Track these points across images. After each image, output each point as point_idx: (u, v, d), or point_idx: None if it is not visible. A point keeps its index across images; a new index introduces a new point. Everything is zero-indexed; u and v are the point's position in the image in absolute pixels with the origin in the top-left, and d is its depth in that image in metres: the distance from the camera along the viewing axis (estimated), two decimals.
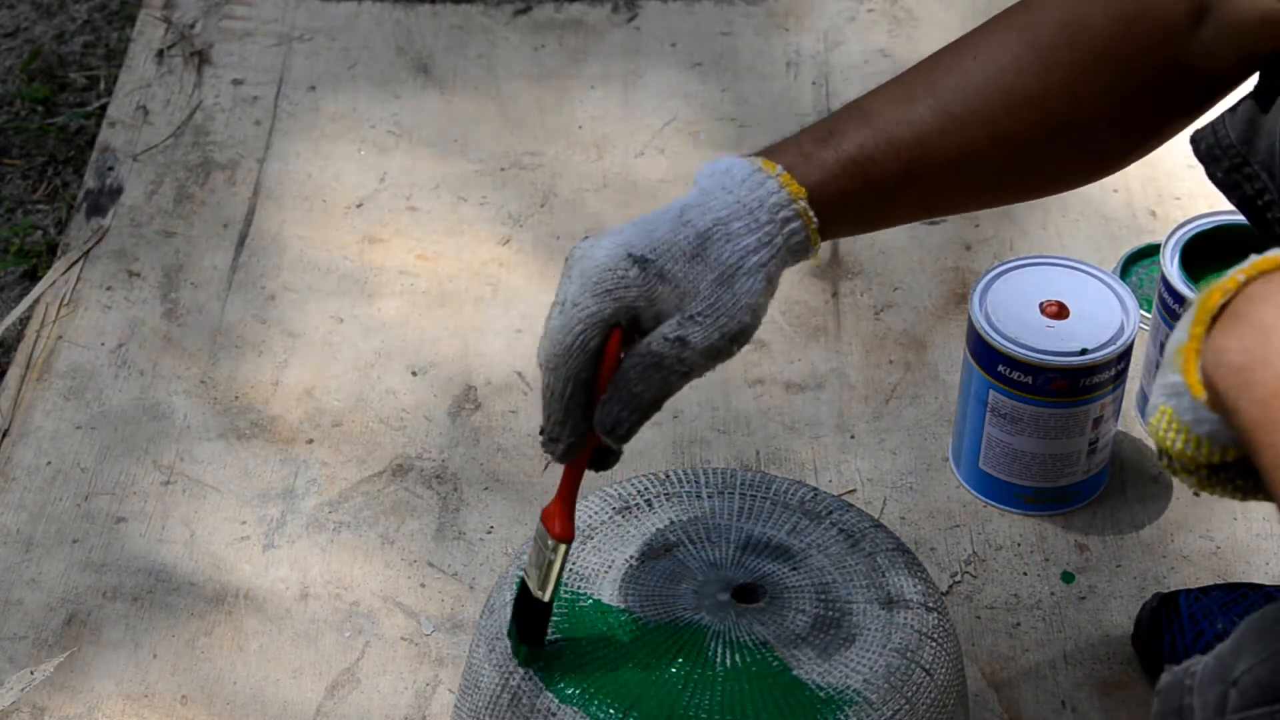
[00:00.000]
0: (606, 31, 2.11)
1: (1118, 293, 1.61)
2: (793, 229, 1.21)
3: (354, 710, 1.50)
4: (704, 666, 1.30)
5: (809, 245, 1.22)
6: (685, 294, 1.19)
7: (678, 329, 1.19)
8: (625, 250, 1.19)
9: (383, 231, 1.89)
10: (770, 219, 1.21)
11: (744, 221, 1.21)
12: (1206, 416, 0.99)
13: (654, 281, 1.19)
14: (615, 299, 1.19)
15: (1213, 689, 1.07)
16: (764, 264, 1.20)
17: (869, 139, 1.22)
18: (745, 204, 1.21)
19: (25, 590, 1.59)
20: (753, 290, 1.20)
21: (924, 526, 1.64)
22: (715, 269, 1.20)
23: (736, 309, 1.20)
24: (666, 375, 1.19)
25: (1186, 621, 1.50)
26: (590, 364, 1.20)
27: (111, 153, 1.97)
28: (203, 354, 1.77)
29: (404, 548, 1.62)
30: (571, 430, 1.22)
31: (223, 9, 2.13)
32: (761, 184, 1.21)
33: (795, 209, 1.21)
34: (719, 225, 1.20)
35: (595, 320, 1.19)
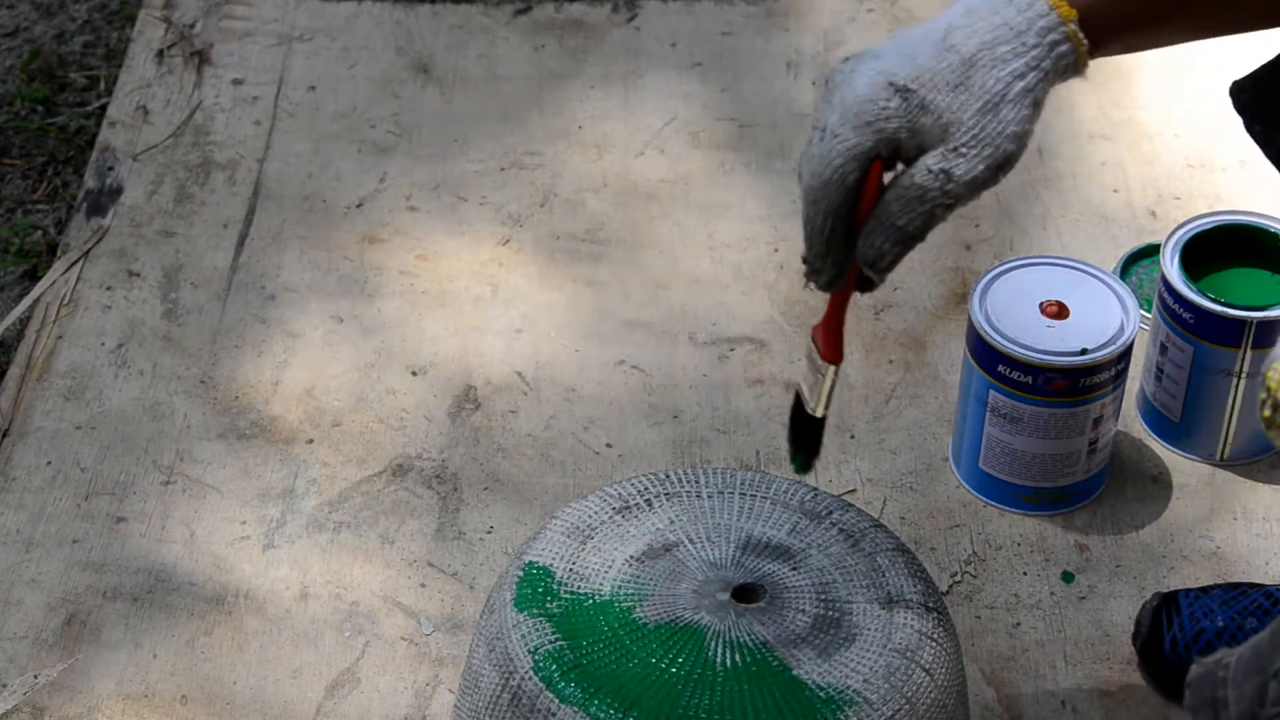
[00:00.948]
0: (606, 31, 2.11)
1: (1118, 293, 1.61)
2: (1061, 52, 1.17)
3: (354, 710, 1.50)
4: (704, 666, 1.30)
5: (1078, 65, 1.19)
6: (949, 124, 1.17)
7: (941, 160, 1.17)
8: (887, 79, 1.17)
9: (383, 231, 1.89)
10: (1038, 42, 1.17)
11: (1011, 45, 1.17)
12: None
13: (916, 112, 1.17)
14: (876, 131, 1.17)
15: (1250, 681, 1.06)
16: (1030, 89, 1.17)
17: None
18: (1013, 26, 1.18)
19: (25, 590, 1.59)
20: (1019, 118, 1.17)
21: (924, 526, 1.64)
22: (980, 97, 1.17)
23: (1001, 137, 1.17)
24: (931, 207, 1.17)
25: (1187, 621, 1.50)
26: (850, 198, 1.19)
27: (111, 153, 1.97)
28: (203, 354, 1.77)
29: (404, 548, 1.62)
30: (833, 263, 1.22)
31: (223, 9, 2.13)
32: (1031, 4, 1.18)
33: (1065, 31, 1.17)
34: (984, 50, 1.17)
35: (855, 153, 1.18)
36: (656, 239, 1.89)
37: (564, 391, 1.74)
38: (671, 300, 1.83)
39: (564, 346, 1.78)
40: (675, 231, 1.89)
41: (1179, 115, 1.99)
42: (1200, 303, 1.61)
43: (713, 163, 1.96)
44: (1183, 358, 1.64)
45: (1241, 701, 1.06)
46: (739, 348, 1.78)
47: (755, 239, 1.88)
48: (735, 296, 1.83)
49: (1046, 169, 1.94)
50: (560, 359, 1.77)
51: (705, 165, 1.96)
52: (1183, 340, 1.63)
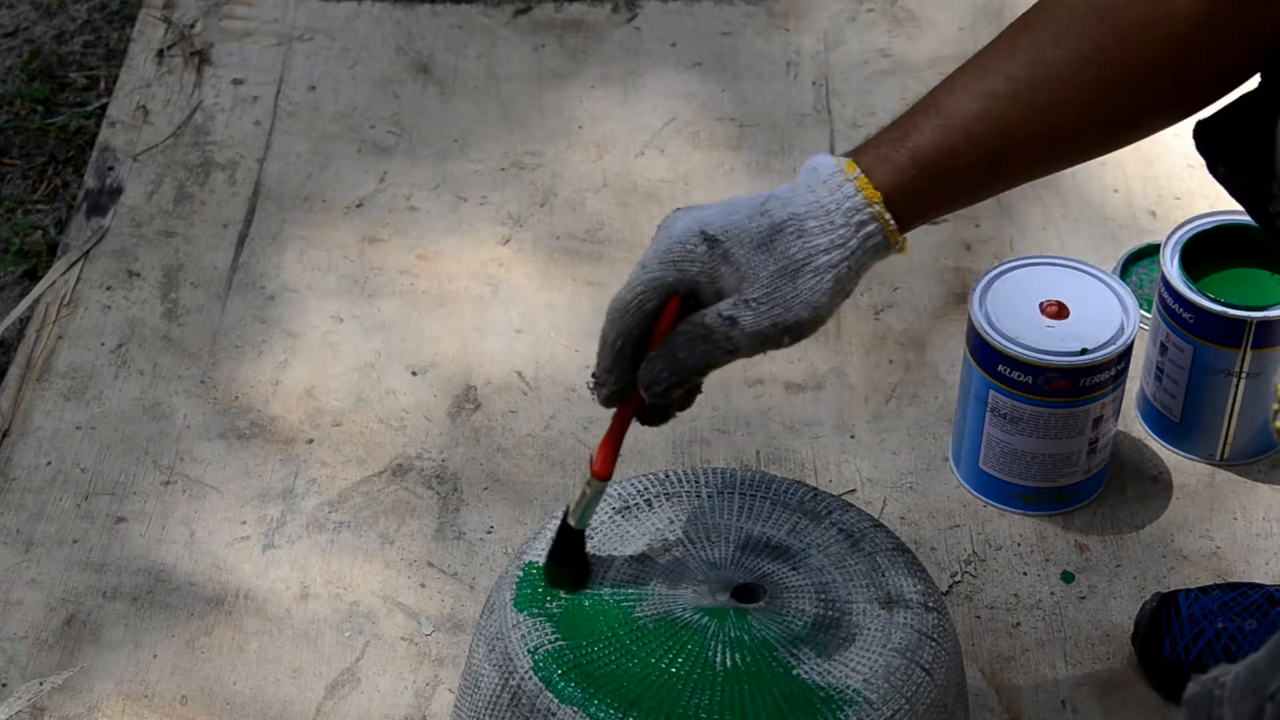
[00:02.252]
0: (606, 31, 2.11)
1: (1118, 293, 1.61)
2: (869, 231, 1.23)
3: (354, 710, 1.50)
4: (704, 666, 1.29)
5: (888, 245, 1.24)
6: (745, 278, 1.23)
7: (731, 309, 1.23)
8: (700, 227, 1.24)
9: (383, 231, 1.89)
10: (845, 222, 1.23)
11: (819, 221, 1.24)
12: None
13: (718, 261, 1.24)
14: (679, 270, 1.24)
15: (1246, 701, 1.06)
16: (834, 265, 1.23)
17: (945, 137, 1.23)
18: (824, 205, 1.24)
19: (25, 590, 1.59)
20: (816, 288, 1.23)
21: (924, 526, 1.64)
22: (779, 261, 1.23)
23: (795, 303, 1.23)
24: (711, 349, 1.24)
25: (1186, 621, 1.50)
26: (643, 323, 1.26)
27: (111, 153, 1.97)
28: (203, 354, 1.77)
29: (404, 548, 1.62)
30: (616, 379, 1.28)
31: (223, 9, 2.13)
32: (840, 186, 1.24)
33: (871, 212, 1.23)
34: (794, 220, 1.24)
35: (656, 285, 1.25)
36: None
37: (564, 391, 1.74)
38: None
39: (564, 346, 1.78)
40: None
41: None
42: (1200, 303, 1.61)
43: (713, 163, 1.96)
44: (1183, 358, 1.64)
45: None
46: None
47: None
48: None
49: None
50: (560, 359, 1.77)
51: (705, 165, 1.96)
52: (1183, 340, 1.63)
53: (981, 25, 2.11)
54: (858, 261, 1.24)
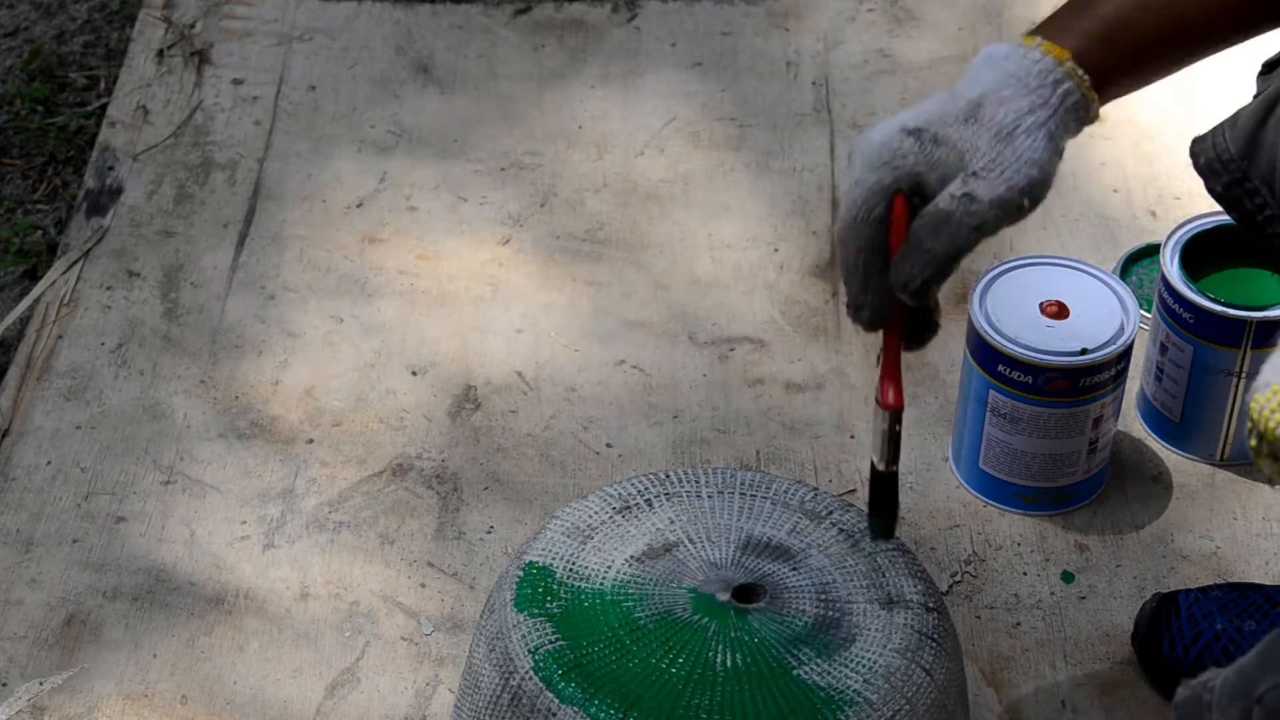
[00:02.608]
0: (606, 31, 2.11)
1: (1118, 293, 1.61)
2: (1066, 89, 1.23)
3: (354, 710, 1.50)
4: (704, 666, 1.30)
5: (1088, 103, 1.24)
6: (965, 153, 1.22)
7: (963, 186, 1.21)
8: (898, 126, 1.23)
9: (383, 231, 1.89)
10: (1041, 83, 1.23)
11: (1014, 88, 1.23)
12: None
13: (930, 147, 1.22)
14: (894, 168, 1.22)
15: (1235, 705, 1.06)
16: (1042, 123, 1.22)
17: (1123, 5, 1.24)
18: (1013, 74, 1.23)
19: (25, 590, 1.59)
20: (1034, 146, 1.22)
21: (924, 526, 1.64)
22: (991, 128, 1.22)
23: (1020, 163, 1.21)
24: (956, 229, 1.21)
25: (1186, 621, 1.50)
26: (877, 231, 1.23)
27: (111, 153, 1.97)
28: (203, 354, 1.77)
29: (404, 548, 1.62)
30: (872, 297, 1.25)
31: (223, 9, 2.13)
32: (1025, 54, 1.23)
33: (1064, 70, 1.23)
34: (991, 93, 1.23)
35: (876, 190, 1.22)
36: (656, 239, 1.89)
37: (564, 391, 1.74)
38: (671, 300, 1.83)
39: (564, 346, 1.78)
40: (675, 231, 1.89)
41: (1179, 115, 1.99)
42: (1200, 303, 1.61)
43: (713, 163, 1.96)
44: (1183, 358, 1.64)
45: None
46: (739, 348, 1.78)
47: (755, 239, 1.88)
48: (735, 296, 1.83)
49: None
50: (560, 359, 1.77)
51: (705, 165, 1.96)
52: (1183, 340, 1.63)
53: (981, 25, 2.11)
54: (1061, 121, 1.23)
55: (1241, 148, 1.24)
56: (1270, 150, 1.21)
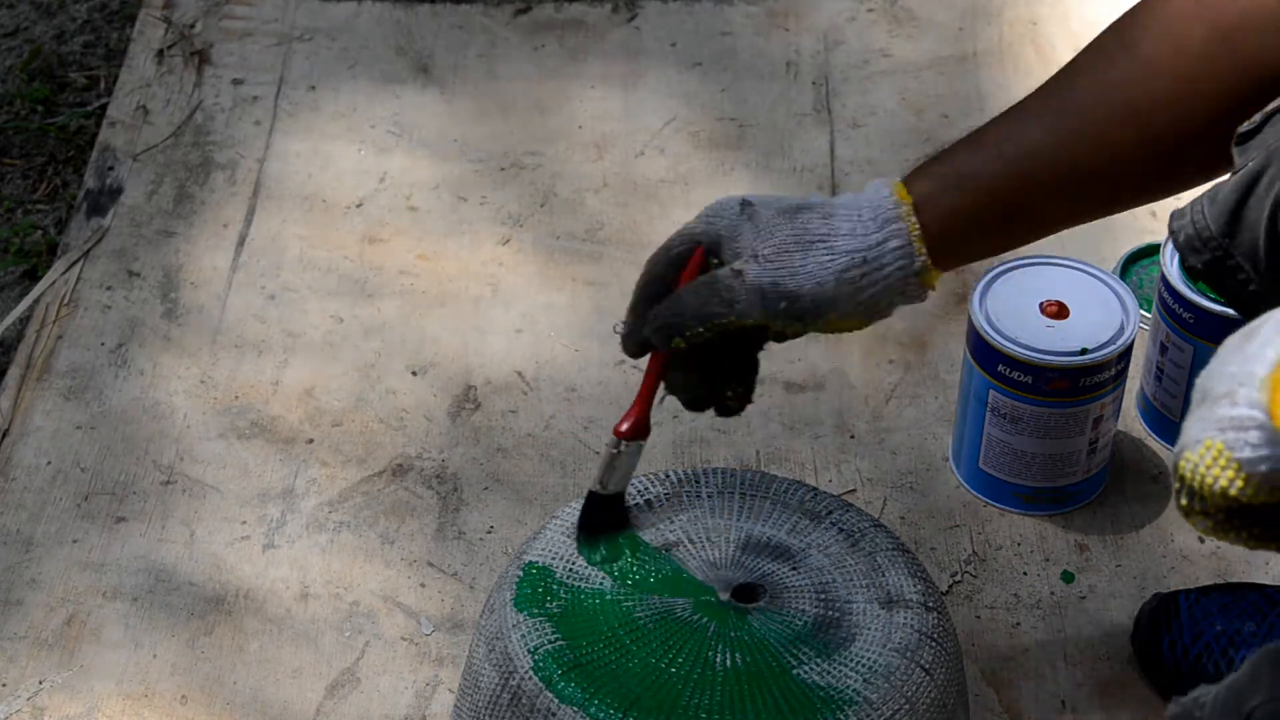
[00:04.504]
0: (606, 31, 2.11)
1: (1118, 293, 1.61)
2: (893, 230, 1.25)
3: (354, 710, 1.50)
4: (704, 666, 1.30)
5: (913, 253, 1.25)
6: (760, 236, 1.27)
7: (741, 263, 1.27)
8: (742, 196, 1.31)
9: (383, 231, 1.89)
10: (872, 216, 1.26)
11: (846, 212, 1.27)
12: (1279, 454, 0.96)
13: (744, 220, 1.28)
14: (708, 223, 1.30)
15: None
16: (849, 251, 1.26)
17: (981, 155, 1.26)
18: (856, 201, 1.27)
19: (25, 590, 1.59)
20: (825, 265, 1.26)
21: (924, 526, 1.64)
22: (798, 229, 1.27)
23: (800, 272, 1.26)
24: (710, 296, 1.27)
25: (1185, 622, 1.50)
26: (667, 267, 1.31)
27: (111, 153, 1.97)
28: (203, 354, 1.77)
29: (404, 548, 1.62)
30: (635, 323, 1.32)
31: (223, 9, 2.13)
32: (877, 190, 1.27)
33: (899, 211, 1.25)
34: (824, 206, 1.28)
35: (685, 234, 1.31)
36: (656, 239, 1.88)
37: (564, 391, 1.74)
38: None
39: (564, 346, 1.78)
40: None
41: None
42: (1200, 303, 1.61)
43: (713, 163, 1.96)
44: (1183, 358, 1.64)
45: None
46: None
47: None
48: None
49: None
50: (560, 359, 1.77)
51: (705, 165, 1.96)
52: (1183, 340, 1.63)
53: (981, 26, 2.11)
54: (876, 259, 1.25)
55: (1223, 225, 1.23)
56: (1254, 227, 1.21)
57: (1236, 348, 0.99)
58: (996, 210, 1.27)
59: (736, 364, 1.33)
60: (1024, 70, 2.06)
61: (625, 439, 1.34)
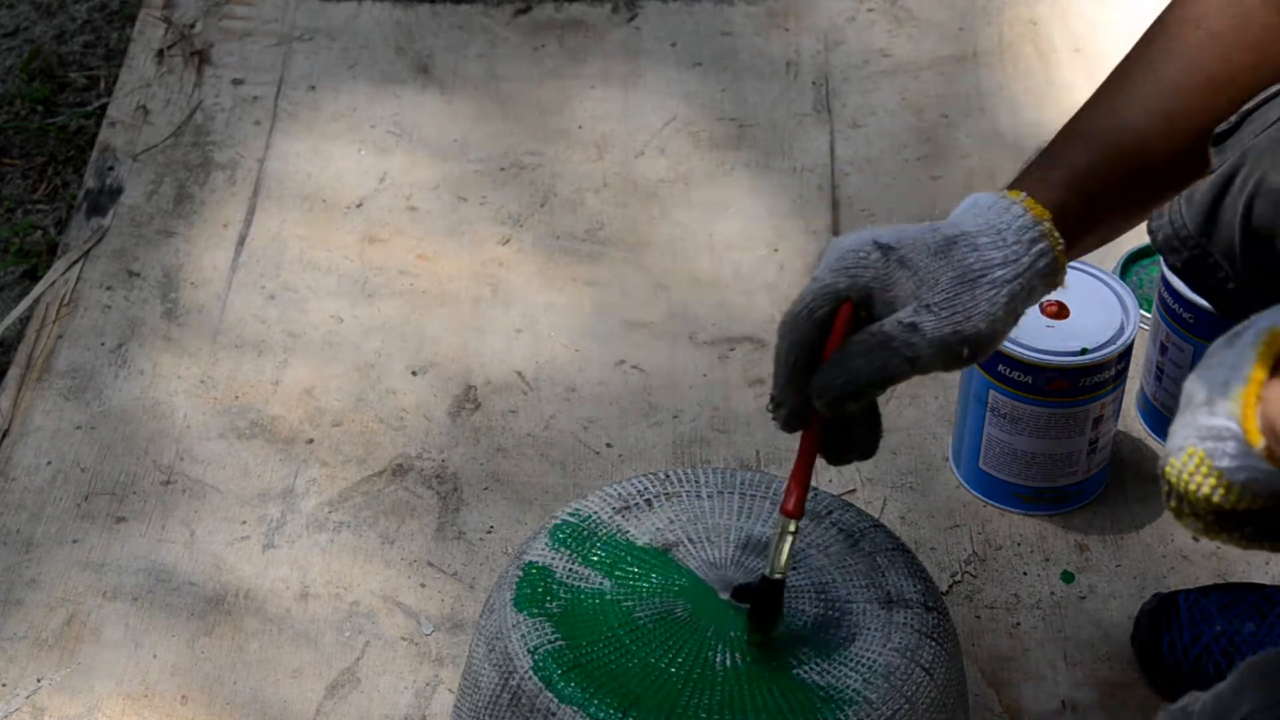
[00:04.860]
0: (606, 31, 2.12)
1: (1118, 293, 1.61)
2: (1040, 249, 1.22)
3: (354, 710, 1.50)
4: (704, 666, 1.30)
5: (1057, 267, 1.24)
6: (923, 283, 1.21)
7: (912, 315, 1.20)
8: (872, 237, 1.22)
9: (383, 231, 1.89)
10: (1017, 239, 1.22)
11: (991, 238, 1.22)
12: (1255, 465, 0.96)
13: (894, 266, 1.21)
14: (850, 276, 1.21)
15: None
16: (1009, 280, 1.21)
17: (1091, 152, 1.24)
18: (993, 225, 1.22)
19: (25, 590, 1.59)
20: (994, 301, 1.21)
21: (924, 526, 1.64)
22: (958, 268, 1.21)
23: (974, 312, 1.20)
24: (890, 356, 1.20)
25: (1185, 622, 1.50)
26: (813, 331, 1.22)
27: (111, 153, 1.98)
28: (203, 354, 1.77)
29: (404, 548, 1.62)
30: (793, 395, 1.24)
31: (223, 9, 2.13)
32: (1008, 209, 1.23)
33: (1041, 229, 1.22)
34: (967, 236, 1.22)
35: (826, 292, 1.22)
36: (656, 239, 1.89)
37: (564, 391, 1.74)
38: (671, 300, 1.83)
39: (564, 346, 1.78)
40: (675, 231, 1.89)
41: None
42: (1200, 303, 1.61)
43: (713, 163, 1.96)
44: (1183, 358, 1.64)
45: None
46: (739, 348, 1.78)
47: (755, 239, 1.88)
48: (735, 296, 1.83)
49: None
50: (560, 359, 1.77)
51: (705, 165, 1.96)
52: (1183, 340, 1.63)
53: (981, 25, 2.11)
54: (1029, 282, 1.22)
55: (1199, 224, 1.24)
56: (1229, 226, 1.22)
57: (1218, 354, 0.99)
58: (1117, 204, 1.26)
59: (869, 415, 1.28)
60: (1024, 70, 2.06)
61: (797, 518, 1.27)
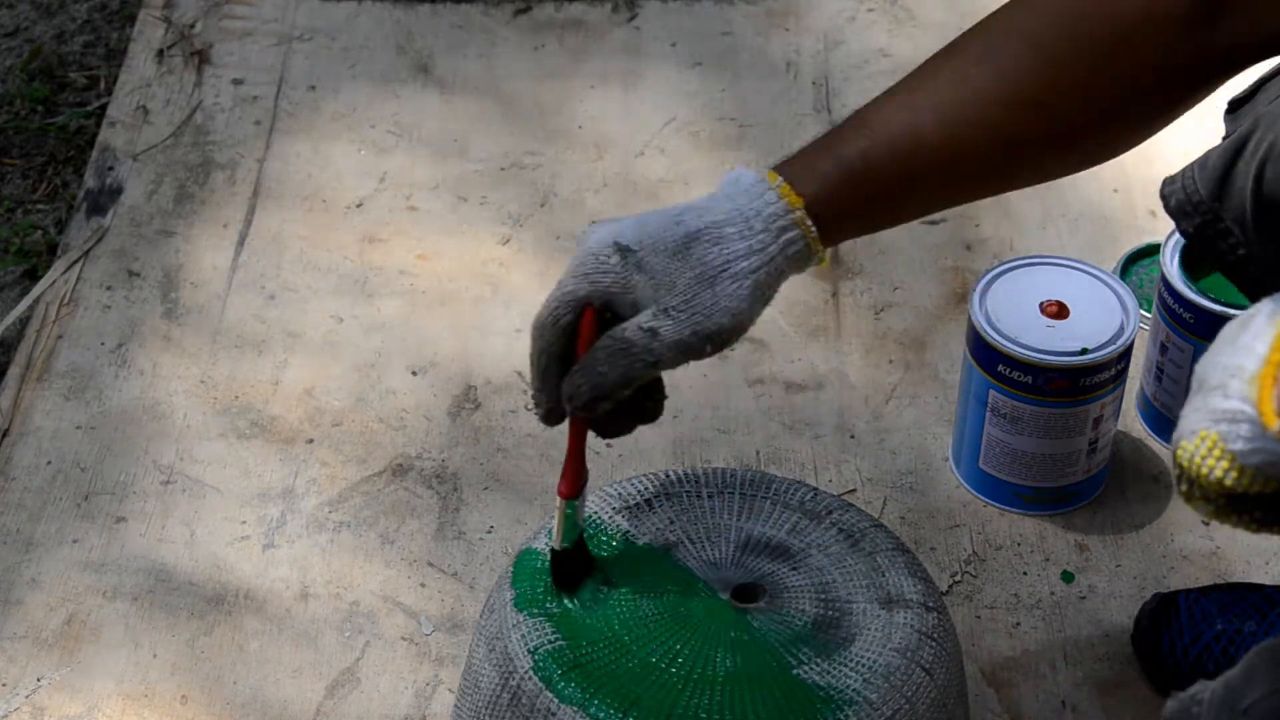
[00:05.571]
0: (606, 31, 2.12)
1: (1118, 293, 1.61)
2: (789, 238, 1.23)
3: (354, 710, 1.50)
4: (704, 666, 1.29)
5: (810, 253, 1.24)
6: (661, 286, 1.22)
7: (651, 319, 1.22)
8: (613, 238, 1.24)
9: (383, 231, 1.89)
10: (765, 228, 1.23)
11: (738, 228, 1.23)
12: (1269, 448, 0.96)
13: (632, 270, 1.23)
14: (591, 282, 1.23)
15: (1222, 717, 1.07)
16: (753, 270, 1.22)
17: (869, 147, 1.24)
18: (742, 212, 1.23)
19: (25, 590, 1.59)
20: (736, 295, 1.22)
21: (924, 526, 1.64)
22: (696, 268, 1.22)
23: (715, 310, 1.22)
24: (632, 362, 1.23)
25: (1185, 622, 1.50)
26: (560, 338, 1.25)
27: (111, 153, 1.97)
28: (203, 354, 1.77)
29: (404, 548, 1.62)
30: (548, 397, 1.27)
31: (223, 9, 2.13)
32: (761, 194, 1.23)
33: (792, 218, 1.23)
34: (711, 229, 1.23)
35: (569, 299, 1.24)
36: None
37: None
38: None
39: None
40: None
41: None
42: (1200, 303, 1.61)
43: (713, 163, 1.96)
44: (1183, 358, 1.64)
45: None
46: (739, 348, 1.78)
47: None
48: None
49: None
50: None
51: (705, 165, 1.96)
52: (1183, 340, 1.63)
53: None
54: (777, 268, 1.23)
55: (1212, 189, 1.23)
56: (1241, 192, 1.21)
57: (1231, 338, 1.00)
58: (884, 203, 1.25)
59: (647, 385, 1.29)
60: None
61: (571, 498, 1.31)
